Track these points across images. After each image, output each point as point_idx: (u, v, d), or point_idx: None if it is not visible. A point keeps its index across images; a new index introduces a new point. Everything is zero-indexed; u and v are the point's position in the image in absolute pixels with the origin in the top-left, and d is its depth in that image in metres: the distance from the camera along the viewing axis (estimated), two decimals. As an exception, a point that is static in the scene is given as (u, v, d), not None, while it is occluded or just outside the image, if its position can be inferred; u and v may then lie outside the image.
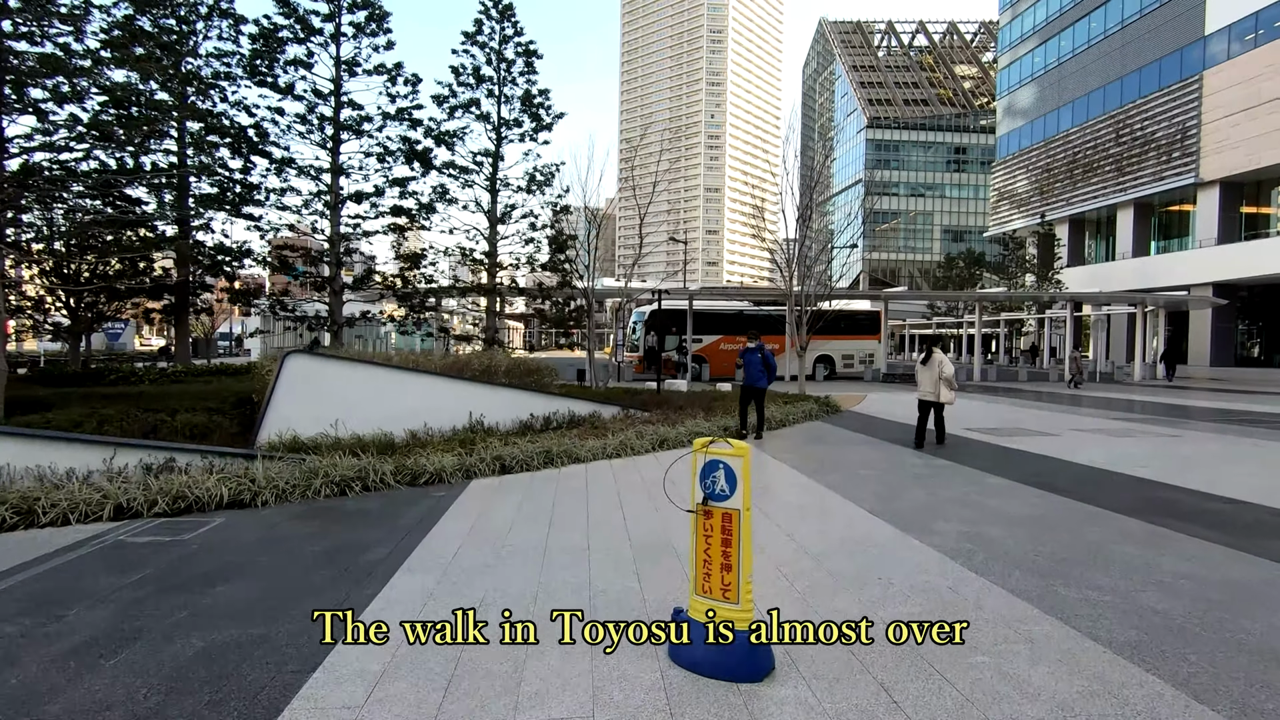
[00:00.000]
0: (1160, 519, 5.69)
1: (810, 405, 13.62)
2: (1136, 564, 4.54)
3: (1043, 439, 10.43)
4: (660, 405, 13.58)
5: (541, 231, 17.50)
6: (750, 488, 3.13)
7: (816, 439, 10.62)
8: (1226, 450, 9.28)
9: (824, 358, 28.83)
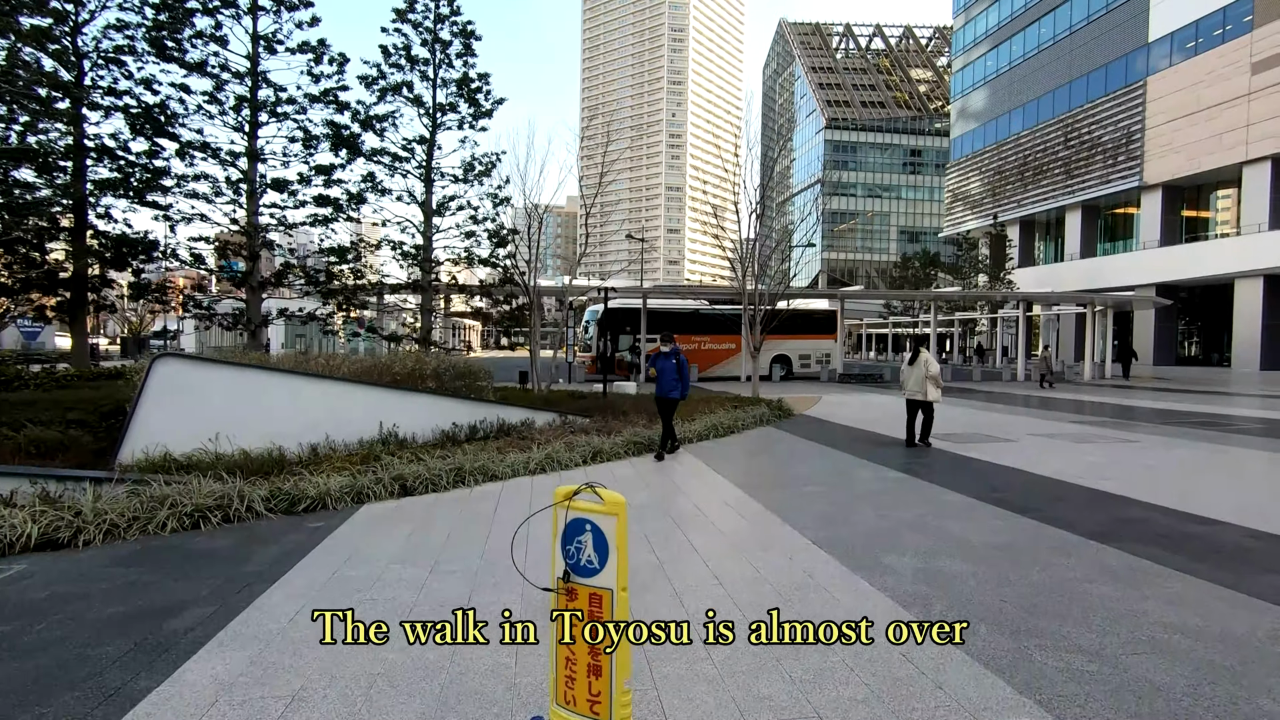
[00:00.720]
0: (1137, 546, 5.02)
1: (761, 409, 12.89)
2: (1120, 612, 3.81)
3: (1001, 446, 9.86)
4: (604, 410, 12.68)
5: (482, 225, 16.41)
6: (627, 557, 2.23)
7: (764, 448, 9.85)
8: (1189, 458, 8.81)
9: (780, 358, 28.34)
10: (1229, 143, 37.55)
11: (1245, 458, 8.87)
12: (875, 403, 17.22)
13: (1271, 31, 35.36)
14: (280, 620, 3.72)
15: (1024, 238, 54.50)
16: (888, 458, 8.88)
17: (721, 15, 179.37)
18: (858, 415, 14.12)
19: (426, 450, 8.61)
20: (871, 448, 9.74)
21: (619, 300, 28.80)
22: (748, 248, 16.60)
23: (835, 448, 9.69)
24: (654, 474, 7.87)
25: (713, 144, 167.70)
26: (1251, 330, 36.55)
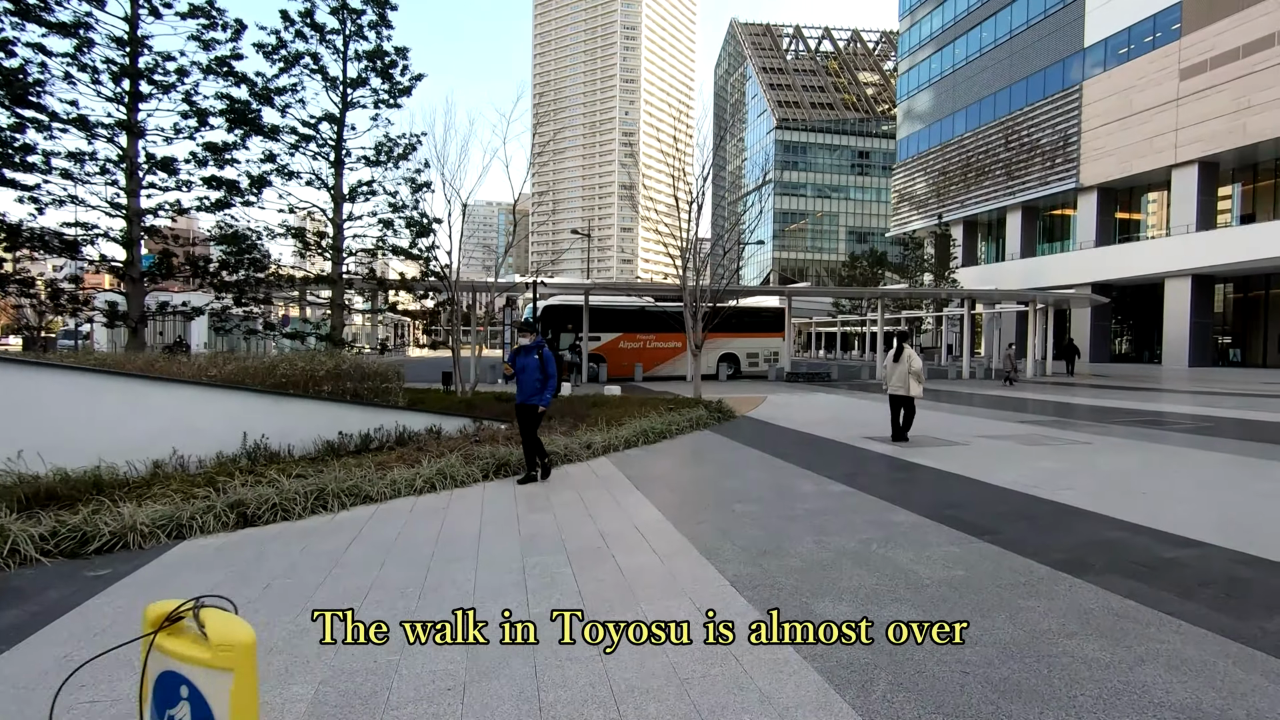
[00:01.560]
0: (1115, 580, 4.17)
1: (699, 412, 11.92)
2: (1114, 687, 2.89)
3: (951, 451, 9.11)
4: None
5: (401, 213, 14.96)
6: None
7: (697, 457, 8.86)
8: (1148, 462, 8.18)
9: (728, 356, 27.60)
10: (1159, 146, 38.70)
11: (1204, 461, 8.31)
12: (821, 403, 16.51)
13: (1198, 39, 36.54)
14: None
15: (967, 237, 55.48)
16: (831, 466, 7.99)
17: (674, 14, 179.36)
18: (802, 416, 13.31)
19: (298, 465, 7.31)
20: (814, 454, 8.86)
21: (561, 297, 27.60)
22: (689, 241, 15.65)
23: (776, 455, 8.76)
24: (561, 490, 6.76)
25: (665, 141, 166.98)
26: (1180, 328, 37.75)
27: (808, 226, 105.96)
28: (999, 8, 51.18)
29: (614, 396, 14.28)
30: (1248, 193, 38.00)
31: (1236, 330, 39.04)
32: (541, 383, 7.26)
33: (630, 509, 6.02)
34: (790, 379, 25.31)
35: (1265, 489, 6.68)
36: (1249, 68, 34.11)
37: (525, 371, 7.31)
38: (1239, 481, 7.12)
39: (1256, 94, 33.80)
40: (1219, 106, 35.46)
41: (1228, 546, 4.82)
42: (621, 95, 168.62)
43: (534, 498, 6.48)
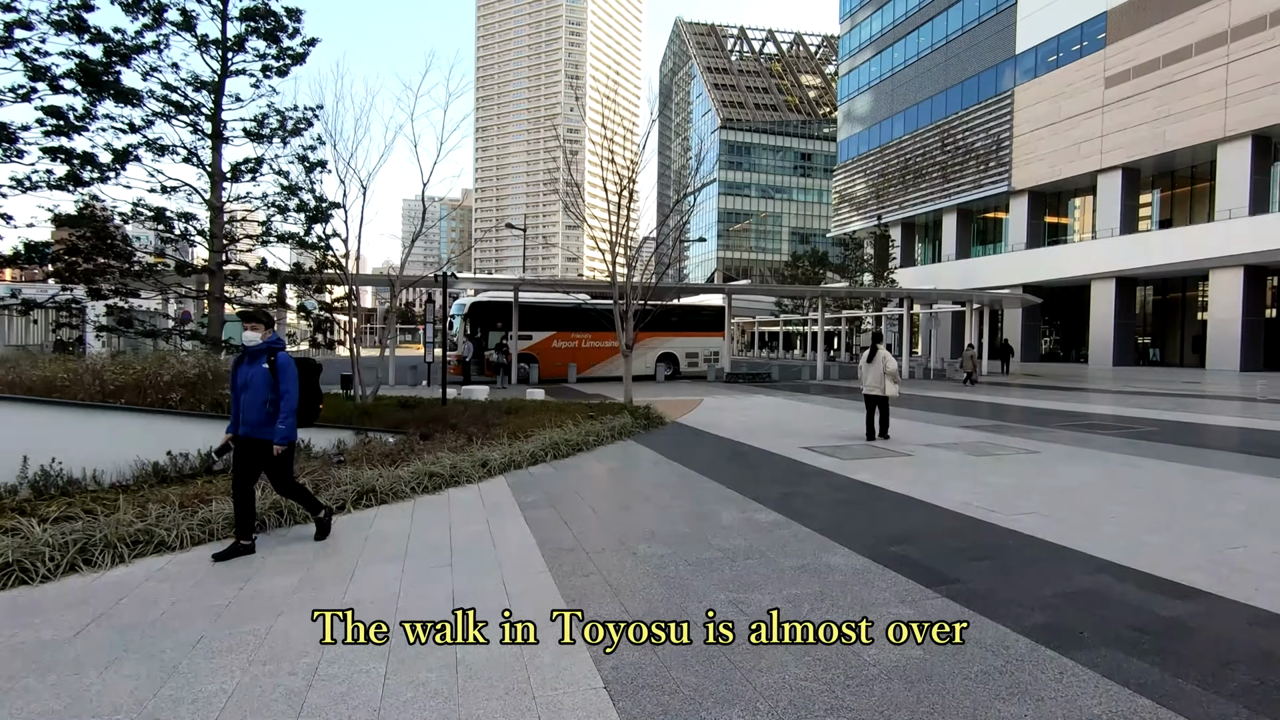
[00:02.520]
0: (1118, 659, 3.14)
1: (623, 420, 10.71)
2: None
3: (895, 463, 8.17)
4: (430, 423, 10.08)
5: (292, 196, 13.17)
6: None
7: (610, 476, 7.65)
8: (1108, 477, 7.39)
9: (666, 356, 26.57)
10: (1085, 152, 39.84)
11: (1162, 474, 7.60)
12: (760, 406, 15.57)
13: (1122, 48, 37.70)
14: None
15: (905, 239, 56.32)
16: (763, 485, 6.90)
17: (620, 11, 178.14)
18: (738, 422, 12.29)
19: (101, 496, 5.72)
20: (746, 471, 7.77)
21: (490, 294, 25.99)
22: (618, 233, 14.44)
23: (702, 472, 7.62)
24: (429, 529, 5.42)
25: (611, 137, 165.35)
26: (1105, 328, 38.95)
27: (751, 227, 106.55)
28: (936, 13, 52.02)
29: (534, 401, 12.93)
30: (1166, 199, 39.49)
31: (1155, 331, 40.59)
32: (272, 405, 4.72)
33: (508, 557, 4.72)
34: (730, 380, 24.44)
35: (1239, 509, 5.93)
36: (1168, 77, 35.32)
37: (248, 388, 4.72)
38: (1208, 500, 6.36)
39: (1175, 103, 35.02)
40: (1141, 114, 36.64)
41: (1231, 597, 3.90)
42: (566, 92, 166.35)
43: (382, 540, 5.11)
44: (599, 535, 5.21)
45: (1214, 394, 19.17)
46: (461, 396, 13.73)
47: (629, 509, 6.05)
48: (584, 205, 15.28)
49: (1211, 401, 16.80)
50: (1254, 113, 31.84)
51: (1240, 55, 32.38)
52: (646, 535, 5.16)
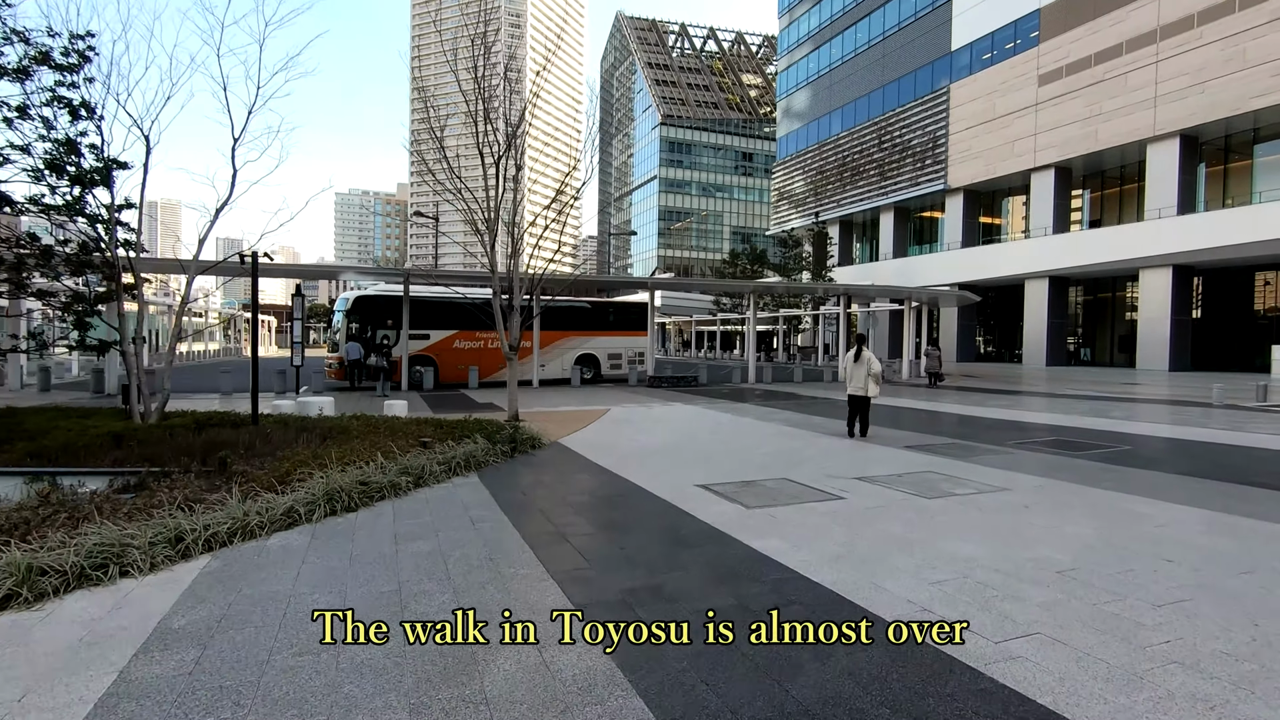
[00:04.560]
0: None
1: (474, 446, 8.07)
2: None
3: (818, 514, 5.83)
4: (245, 449, 7.31)
5: (45, 146, 9.89)
6: None
7: (376, 559, 5.01)
8: (1110, 539, 5.18)
9: (586, 358, 23.99)
10: (1020, 150, 39.40)
11: (1189, 529, 5.51)
12: (673, 417, 13.19)
13: (1055, 46, 37.31)
14: None
15: (843, 237, 55.47)
16: (612, 569, 4.42)
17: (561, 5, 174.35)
18: (635, 444, 9.84)
19: None
20: (601, 533, 5.29)
21: (380, 287, 22.82)
22: (493, 206, 11.80)
23: (532, 539, 5.09)
24: None
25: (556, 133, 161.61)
26: (1039, 328, 38.56)
27: (692, 225, 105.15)
28: (873, 8, 51.22)
29: (379, 418, 10.13)
30: (1096, 200, 39.45)
31: (1086, 331, 40.56)
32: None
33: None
34: (653, 384, 22.06)
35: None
36: (1100, 75, 35.01)
37: None
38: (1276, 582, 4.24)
39: (1106, 102, 34.72)
40: (1073, 113, 36.29)
41: None
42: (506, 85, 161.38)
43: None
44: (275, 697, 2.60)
45: (1164, 398, 17.94)
46: (286, 412, 10.79)
47: (344, 653, 3.45)
48: (455, 170, 12.54)
49: (1168, 409, 15.40)
50: (1182, 112, 31.65)
51: (1169, 54, 32.18)
52: (364, 698, 2.58)
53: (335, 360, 20.61)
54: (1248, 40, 29.37)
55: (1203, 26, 30.98)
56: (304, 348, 18.03)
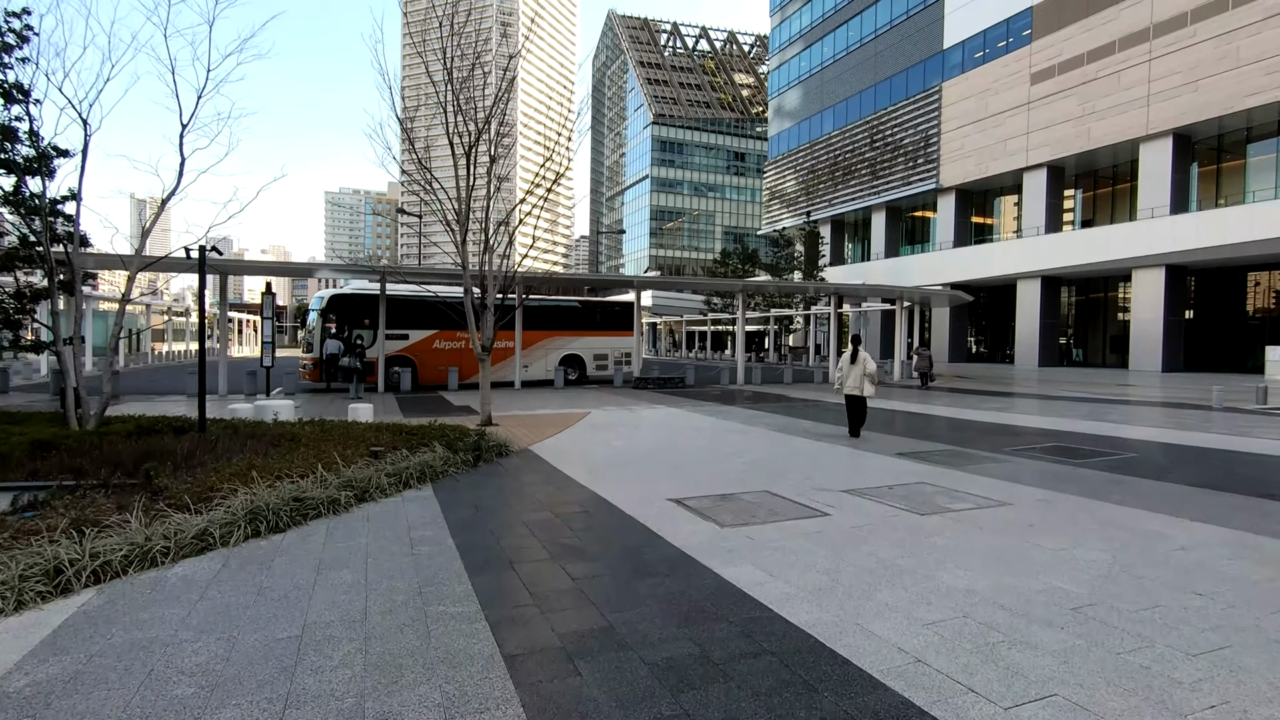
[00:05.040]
0: None
1: (431, 455, 7.45)
2: None
3: (799, 536, 5.25)
4: (183, 459, 6.68)
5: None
6: None
7: (291, 590, 4.41)
8: (1126, 563, 4.59)
9: (571, 358, 23.37)
10: (1012, 149, 39.05)
11: (1213, 551, 4.96)
12: (654, 422, 12.60)
13: (1047, 44, 36.97)
14: None
15: (835, 237, 55.05)
16: (560, 607, 3.83)
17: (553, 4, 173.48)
18: (611, 451, 9.25)
19: None
20: (557, 559, 4.68)
21: (356, 285, 22.12)
22: (465, 199, 11.18)
23: (478, 566, 4.47)
24: None
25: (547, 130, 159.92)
26: (1031, 328, 38.20)
27: (684, 225, 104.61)
28: (865, 6, 50.81)
29: (336, 424, 9.48)
30: (1089, 199, 39.16)
31: (1077, 331, 40.26)
32: None
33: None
34: (639, 385, 21.46)
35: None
36: (1092, 74, 34.67)
37: None
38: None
39: (1099, 100, 34.38)
40: (1066, 111, 35.95)
41: None
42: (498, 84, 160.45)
43: None
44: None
45: (1161, 400, 17.50)
46: (241, 416, 10.12)
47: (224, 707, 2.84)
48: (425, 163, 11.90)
49: (1167, 412, 14.93)
50: (1174, 111, 31.34)
51: (1161, 53, 31.86)
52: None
53: (310, 361, 19.90)
54: (1241, 38, 29.07)
55: (1196, 24, 30.67)
56: (274, 348, 17.39)
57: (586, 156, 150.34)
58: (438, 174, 11.74)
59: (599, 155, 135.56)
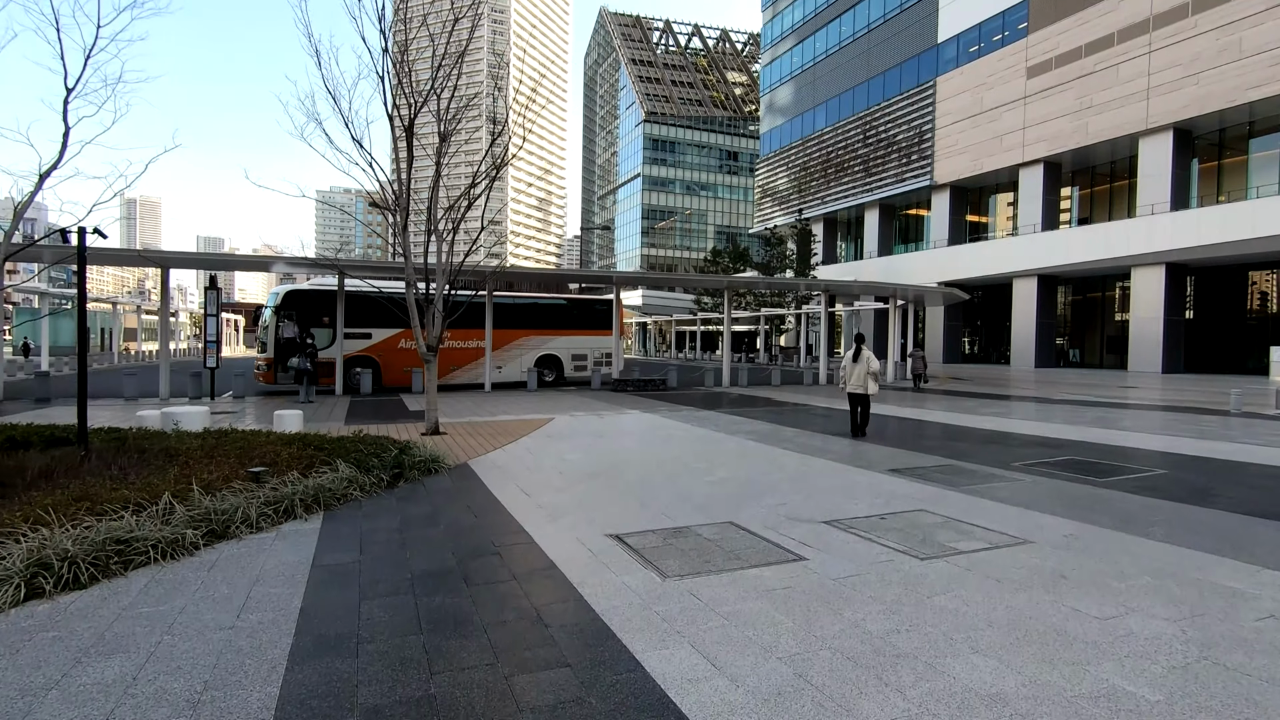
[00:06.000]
0: None
1: (339, 474, 6.20)
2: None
3: (762, 595, 4.02)
4: (69, 473, 5.42)
5: None
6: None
7: (76, 676, 3.18)
8: (1212, 636, 3.42)
9: (548, 359, 22.11)
10: (1008, 144, 38.03)
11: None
12: (622, 430, 11.36)
13: (1044, 37, 35.97)
14: None
15: (828, 235, 53.97)
16: (402, 710, 2.60)
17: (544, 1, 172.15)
18: (564, 466, 8.02)
19: None
20: (421, 639, 3.46)
21: (315, 281, 20.81)
22: (404, 181, 9.93)
23: (311, 651, 3.26)
24: None
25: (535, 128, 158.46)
26: (1027, 328, 37.18)
27: (676, 225, 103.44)
28: (857, 0, 49.78)
29: (240, 434, 8.18)
30: (1086, 197, 38.19)
31: (1075, 331, 39.27)
32: None
33: None
34: (617, 387, 20.22)
35: None
36: (1090, 67, 33.68)
37: None
38: None
39: (1097, 94, 33.39)
40: (1063, 106, 34.95)
41: None
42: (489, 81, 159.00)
43: None
44: None
45: (1172, 404, 16.39)
46: (147, 424, 8.82)
47: None
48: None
49: (1182, 418, 13.80)
50: (1175, 104, 30.36)
51: (1162, 45, 30.88)
52: None
53: (264, 362, 18.57)
54: (1244, 29, 28.10)
55: (1197, 15, 29.69)
56: (219, 348, 16.07)
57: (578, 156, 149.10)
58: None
59: (590, 153, 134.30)
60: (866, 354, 10.48)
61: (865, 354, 10.48)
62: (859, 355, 10.52)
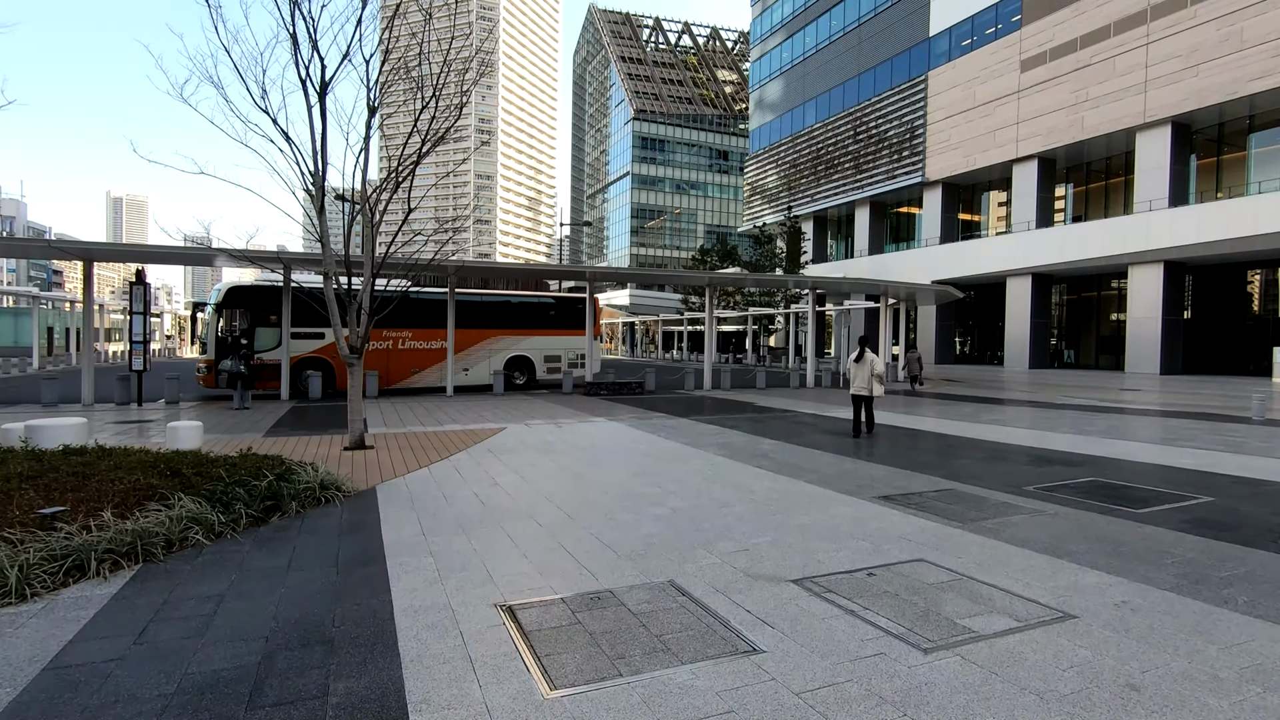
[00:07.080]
0: None
1: (177, 512, 4.83)
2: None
3: (713, 693, 2.69)
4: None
5: None
6: None
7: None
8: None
9: (519, 360, 20.73)
10: (1001, 140, 36.98)
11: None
12: (573, 444, 10.00)
13: (1038, 30, 34.93)
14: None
15: (818, 233, 52.83)
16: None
17: None
18: (481, 494, 6.67)
19: None
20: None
21: (269, 278, 19.32)
22: (318, 154, 8.56)
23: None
24: None
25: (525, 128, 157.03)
26: (1021, 328, 36.10)
27: (665, 224, 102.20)
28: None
29: (98, 452, 6.79)
30: (1080, 194, 37.18)
31: (1070, 331, 38.24)
32: None
33: None
34: (590, 391, 18.87)
35: None
36: (1086, 60, 32.65)
37: None
38: None
39: (1093, 87, 32.35)
40: (1058, 99, 33.90)
41: None
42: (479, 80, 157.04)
43: None
44: None
45: (1183, 409, 15.20)
46: (9, 440, 7.41)
47: None
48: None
49: (1201, 425, 12.59)
50: (1173, 97, 29.34)
51: (1160, 36, 29.86)
52: None
53: (205, 364, 17.09)
54: (1245, 19, 27.09)
55: (1196, 5, 28.68)
56: (146, 349, 14.61)
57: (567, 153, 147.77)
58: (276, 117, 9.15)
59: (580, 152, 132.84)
60: (870, 356, 10.58)
61: (869, 356, 10.59)
62: (862, 357, 10.63)
